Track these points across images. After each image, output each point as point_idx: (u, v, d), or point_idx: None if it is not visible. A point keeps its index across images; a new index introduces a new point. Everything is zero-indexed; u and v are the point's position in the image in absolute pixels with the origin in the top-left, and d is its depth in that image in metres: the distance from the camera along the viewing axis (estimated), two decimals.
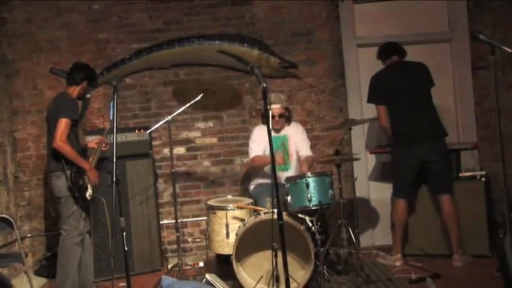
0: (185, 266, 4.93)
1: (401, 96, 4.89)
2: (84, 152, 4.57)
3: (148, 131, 5.19)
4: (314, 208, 4.38)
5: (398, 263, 4.91)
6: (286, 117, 5.07)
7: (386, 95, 4.94)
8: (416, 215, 5.17)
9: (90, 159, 4.56)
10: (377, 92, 5.00)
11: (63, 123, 4.29)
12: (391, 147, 5.12)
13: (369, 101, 5.05)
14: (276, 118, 4.93)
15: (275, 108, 4.90)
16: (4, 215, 4.25)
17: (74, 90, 4.56)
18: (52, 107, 4.49)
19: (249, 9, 5.84)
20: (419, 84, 4.90)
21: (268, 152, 4.95)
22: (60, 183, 4.40)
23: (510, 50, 3.18)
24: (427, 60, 5.21)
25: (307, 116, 5.86)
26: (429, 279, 4.32)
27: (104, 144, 4.69)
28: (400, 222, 5.00)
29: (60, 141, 4.27)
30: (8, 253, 4.91)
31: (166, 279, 4.11)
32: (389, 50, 5.05)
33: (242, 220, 4.37)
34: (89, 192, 4.46)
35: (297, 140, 5.10)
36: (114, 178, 3.42)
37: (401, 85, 4.90)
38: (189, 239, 5.81)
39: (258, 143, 5.00)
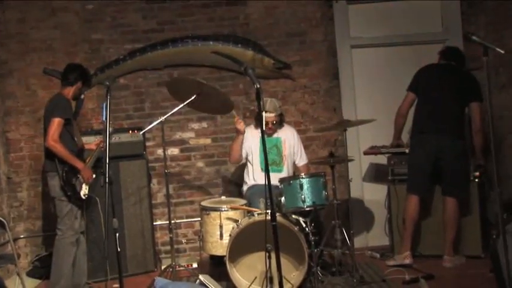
0: (179, 267, 4.90)
1: (435, 92, 4.90)
2: (80, 152, 4.58)
3: (142, 132, 5.16)
4: (308, 209, 4.38)
5: (407, 261, 4.83)
6: (279, 122, 5.07)
7: (422, 85, 4.98)
8: None
9: (88, 160, 4.59)
10: (415, 80, 5.04)
11: (55, 123, 4.34)
12: (410, 139, 5.12)
13: (407, 88, 5.08)
14: (270, 125, 4.96)
15: (269, 116, 4.92)
16: None
17: (69, 91, 4.61)
18: (47, 107, 4.55)
19: (243, 9, 5.84)
20: (458, 91, 4.89)
21: (252, 154, 5.03)
22: (54, 183, 4.45)
23: (503, 51, 3.17)
24: (420, 61, 5.24)
25: (301, 116, 5.86)
26: (422, 280, 4.32)
27: (101, 144, 4.71)
28: (410, 219, 4.94)
29: (52, 140, 4.32)
30: (1, 254, 4.88)
31: (159, 281, 4.10)
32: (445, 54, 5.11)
33: (236, 221, 4.37)
34: (83, 192, 4.48)
35: (293, 146, 5.12)
36: (107, 179, 3.42)
37: (441, 83, 4.92)
38: (183, 240, 5.80)
39: (243, 144, 5.01)
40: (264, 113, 4.88)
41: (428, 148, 4.86)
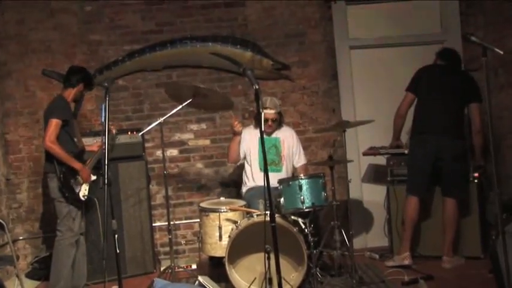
0: (178, 268, 4.91)
1: (434, 93, 4.90)
2: (81, 153, 4.59)
3: (140, 133, 5.17)
4: (307, 210, 4.38)
5: (406, 262, 4.82)
6: (278, 121, 5.08)
7: (421, 85, 4.97)
8: None
9: (88, 161, 4.59)
10: (414, 80, 5.03)
11: (52, 124, 4.36)
12: (409, 139, 5.12)
13: (406, 89, 5.07)
14: (269, 123, 4.96)
15: (269, 113, 4.93)
16: None
17: (70, 93, 4.63)
18: (46, 109, 4.57)
19: (242, 10, 5.83)
20: (458, 91, 4.90)
21: (251, 155, 5.04)
22: (54, 185, 4.46)
23: (502, 52, 3.17)
24: (419, 61, 5.23)
25: (300, 117, 5.86)
26: (422, 281, 4.32)
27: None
28: (410, 220, 4.93)
29: (49, 141, 4.34)
30: (0, 256, 4.88)
31: (158, 282, 4.09)
32: (443, 55, 5.09)
33: (235, 222, 4.36)
34: (83, 193, 4.48)
35: (292, 147, 5.12)
36: (106, 180, 3.42)
37: (440, 83, 4.92)
38: (182, 241, 5.79)
39: (241, 144, 5.03)
40: (264, 110, 4.90)
41: (428, 148, 4.86)
